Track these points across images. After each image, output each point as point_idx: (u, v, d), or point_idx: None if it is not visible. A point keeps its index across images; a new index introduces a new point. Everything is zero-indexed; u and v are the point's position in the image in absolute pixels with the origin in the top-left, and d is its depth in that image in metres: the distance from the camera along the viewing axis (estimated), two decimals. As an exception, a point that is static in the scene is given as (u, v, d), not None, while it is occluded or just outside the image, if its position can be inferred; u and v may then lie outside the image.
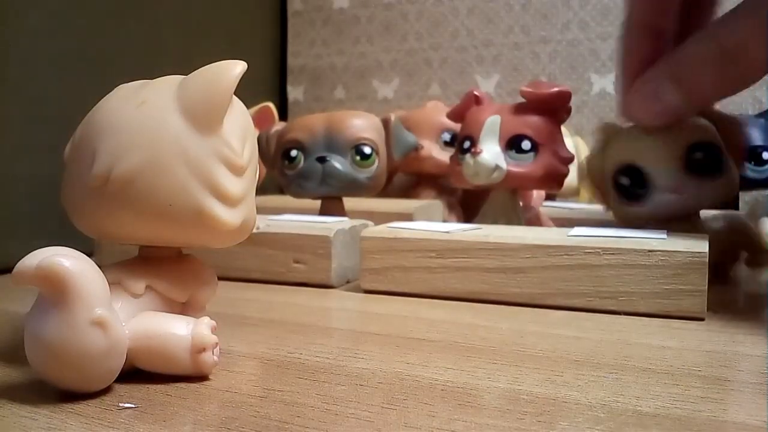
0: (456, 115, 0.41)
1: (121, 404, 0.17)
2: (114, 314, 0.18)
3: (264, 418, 0.16)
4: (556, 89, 0.38)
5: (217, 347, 0.19)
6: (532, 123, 0.37)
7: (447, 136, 0.51)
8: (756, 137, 0.44)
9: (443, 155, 0.49)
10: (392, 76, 0.71)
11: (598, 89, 0.63)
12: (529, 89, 0.38)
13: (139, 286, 0.19)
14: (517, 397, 0.18)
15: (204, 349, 0.19)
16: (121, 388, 0.18)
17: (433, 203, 0.48)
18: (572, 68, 0.64)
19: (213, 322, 0.19)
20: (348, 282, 0.34)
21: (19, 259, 0.17)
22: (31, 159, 0.41)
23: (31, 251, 0.17)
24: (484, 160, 0.37)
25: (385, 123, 0.41)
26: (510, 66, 0.66)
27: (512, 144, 0.37)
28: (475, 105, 0.41)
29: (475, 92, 0.41)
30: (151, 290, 0.20)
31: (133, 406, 0.17)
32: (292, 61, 0.75)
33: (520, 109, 0.38)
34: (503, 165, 0.37)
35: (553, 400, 0.17)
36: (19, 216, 0.40)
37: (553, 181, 0.37)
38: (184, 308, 0.21)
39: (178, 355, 0.19)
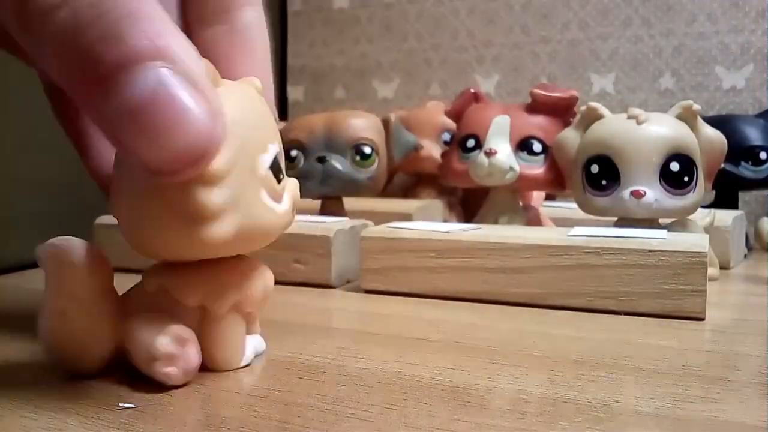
0: (455, 113, 0.41)
1: (121, 404, 0.17)
2: (91, 308, 0.18)
3: (264, 418, 0.16)
4: (570, 94, 0.38)
5: (180, 361, 0.18)
6: (542, 125, 0.38)
7: (447, 136, 0.51)
8: (754, 137, 0.44)
9: (443, 155, 0.49)
10: (392, 76, 0.71)
11: (598, 89, 0.63)
12: (541, 91, 0.38)
13: (150, 282, 0.19)
14: (517, 397, 0.18)
15: (155, 360, 0.18)
16: (121, 388, 0.18)
17: (433, 203, 0.48)
18: (572, 68, 0.64)
19: (186, 335, 0.18)
20: (348, 282, 0.34)
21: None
22: (31, 159, 0.41)
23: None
24: (499, 162, 0.36)
25: (385, 123, 0.41)
26: (510, 66, 0.66)
27: (523, 145, 0.37)
28: (474, 103, 0.41)
29: (473, 90, 0.41)
30: (165, 289, 0.19)
31: (133, 406, 0.17)
32: (292, 61, 0.75)
33: (528, 110, 0.38)
34: (516, 167, 0.37)
35: (553, 400, 0.17)
36: (19, 216, 0.40)
37: (562, 184, 0.37)
38: (200, 313, 0.19)
39: (141, 360, 0.18)
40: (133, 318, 0.19)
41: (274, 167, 0.18)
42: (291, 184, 0.20)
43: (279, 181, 0.19)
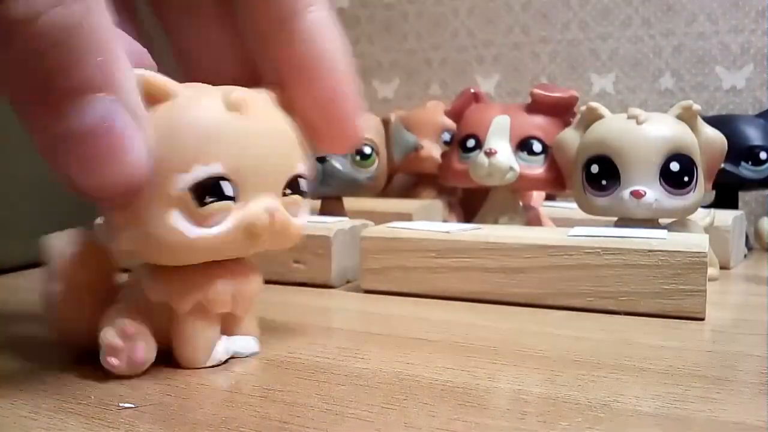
0: (455, 113, 0.41)
1: (121, 404, 0.17)
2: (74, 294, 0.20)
3: (264, 418, 0.16)
4: (570, 94, 0.38)
5: (124, 353, 0.19)
6: (541, 125, 0.38)
7: (447, 136, 0.51)
8: (754, 137, 0.44)
9: (443, 155, 0.49)
10: (392, 76, 0.71)
11: (598, 89, 0.63)
12: (541, 91, 0.38)
13: (132, 276, 0.20)
14: (517, 397, 0.18)
15: (107, 352, 0.19)
16: (121, 388, 0.18)
17: (433, 203, 0.48)
18: (572, 68, 0.64)
19: (132, 329, 0.19)
20: (348, 282, 0.34)
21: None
22: (31, 159, 0.41)
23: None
24: (499, 162, 0.36)
25: (385, 123, 0.41)
26: (510, 66, 0.66)
27: (523, 145, 0.37)
28: (474, 103, 0.41)
29: (473, 89, 0.41)
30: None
31: (133, 406, 0.17)
32: (292, 61, 0.75)
33: (528, 110, 0.38)
34: (516, 167, 0.37)
35: (553, 400, 0.17)
36: (19, 216, 0.40)
37: (562, 184, 0.37)
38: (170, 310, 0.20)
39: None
40: (108, 309, 0.19)
41: (199, 189, 0.18)
42: (242, 212, 0.19)
43: (203, 204, 0.18)
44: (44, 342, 0.23)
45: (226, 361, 0.21)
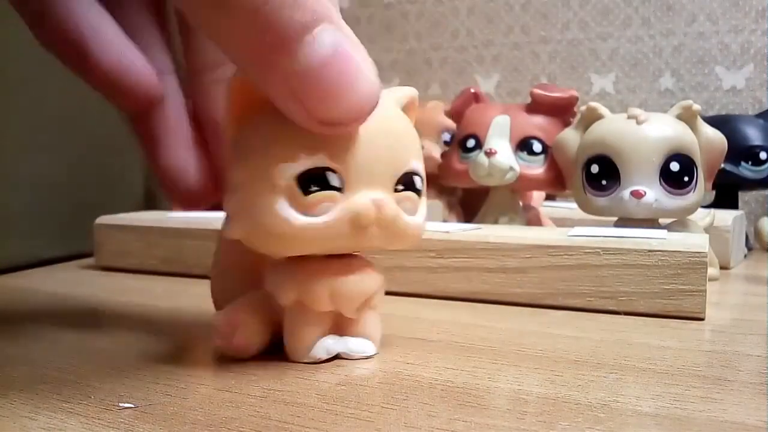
0: (455, 113, 0.41)
1: (121, 404, 0.17)
2: None
3: (264, 418, 0.16)
4: (569, 93, 0.38)
5: (225, 338, 0.20)
6: (542, 125, 0.38)
7: (447, 136, 0.51)
8: (754, 137, 0.44)
9: (443, 155, 0.49)
10: (392, 76, 0.71)
11: (598, 89, 0.63)
12: (541, 91, 0.38)
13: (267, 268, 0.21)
14: (517, 397, 0.18)
15: (213, 333, 0.21)
16: (121, 388, 0.18)
17: (433, 203, 0.48)
18: (572, 68, 0.64)
19: (237, 319, 0.20)
20: (348, 282, 0.34)
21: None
22: (31, 159, 0.41)
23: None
24: (499, 162, 0.36)
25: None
26: (510, 66, 0.66)
27: (523, 145, 0.37)
28: (475, 103, 0.41)
29: (473, 89, 0.41)
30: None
31: (133, 406, 0.17)
32: (292, 61, 0.75)
33: (528, 110, 0.38)
34: (516, 167, 0.37)
35: (553, 400, 0.17)
36: (19, 216, 0.40)
37: (562, 184, 0.37)
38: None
39: None
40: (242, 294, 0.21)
41: (305, 179, 0.18)
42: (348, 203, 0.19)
43: (308, 193, 0.18)
44: (44, 342, 0.23)
45: (331, 359, 0.21)
